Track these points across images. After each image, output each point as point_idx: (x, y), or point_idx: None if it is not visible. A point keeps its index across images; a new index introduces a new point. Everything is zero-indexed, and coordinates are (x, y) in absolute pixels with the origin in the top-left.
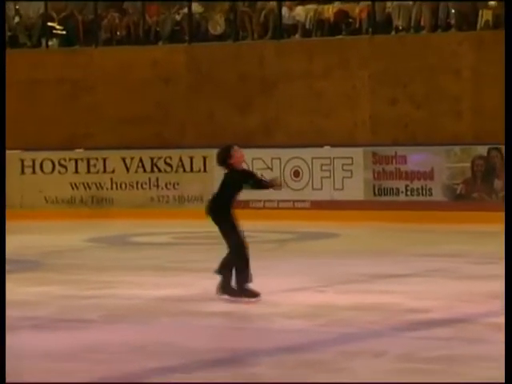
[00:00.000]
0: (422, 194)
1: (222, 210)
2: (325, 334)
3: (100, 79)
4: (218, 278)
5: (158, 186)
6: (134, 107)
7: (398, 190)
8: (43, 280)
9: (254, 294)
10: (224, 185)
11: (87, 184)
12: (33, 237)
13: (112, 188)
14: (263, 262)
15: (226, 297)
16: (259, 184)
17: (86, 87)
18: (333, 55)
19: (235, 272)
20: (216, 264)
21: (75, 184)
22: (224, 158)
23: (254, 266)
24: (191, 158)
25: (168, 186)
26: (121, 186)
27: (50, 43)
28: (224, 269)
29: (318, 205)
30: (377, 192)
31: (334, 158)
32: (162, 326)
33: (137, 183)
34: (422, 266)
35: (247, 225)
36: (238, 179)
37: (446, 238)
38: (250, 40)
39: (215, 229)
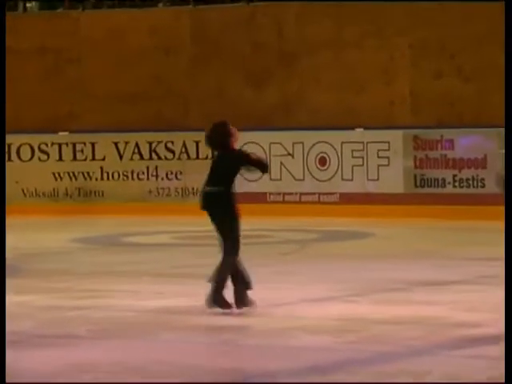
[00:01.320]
0: (473, 186)
1: (227, 201)
2: (356, 353)
3: (87, 49)
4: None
5: (157, 176)
6: (129, 82)
7: (443, 180)
8: (21, 288)
9: (225, 305)
10: (225, 169)
11: (73, 174)
12: (8, 237)
13: (102, 178)
14: (282, 267)
15: (218, 309)
16: (261, 167)
17: (70, 58)
18: (366, 21)
19: (216, 276)
20: None
21: (59, 174)
22: (223, 138)
23: (272, 271)
24: (197, 143)
25: (169, 176)
26: (113, 176)
27: (28, 5)
28: (217, 276)
29: (348, 198)
30: (419, 183)
31: (367, 143)
32: (161, 343)
33: (132, 173)
34: (473, 272)
35: (263, 222)
36: (239, 162)
37: (500, 238)
38: (267, 2)
39: None
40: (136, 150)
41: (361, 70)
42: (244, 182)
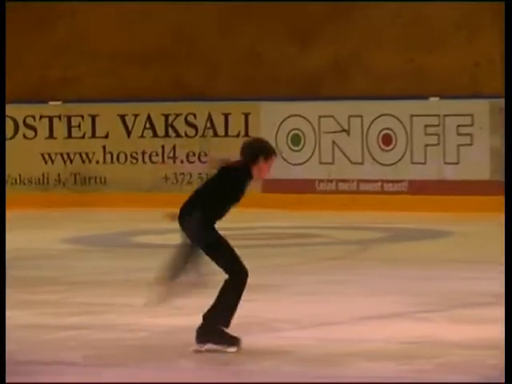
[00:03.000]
0: None
1: (209, 223)
2: None
3: None
4: (258, 301)
5: (175, 159)
6: (139, 38)
7: None
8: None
9: (235, 341)
10: (227, 187)
11: (67, 155)
12: None
13: (105, 161)
14: (335, 275)
15: (209, 346)
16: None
17: (63, 8)
18: None
19: (217, 307)
20: (259, 277)
21: (49, 155)
22: (255, 155)
23: (322, 280)
24: (226, 116)
25: (190, 159)
26: (118, 159)
27: None
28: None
29: (419, 187)
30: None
31: (444, 116)
32: (178, 373)
33: (143, 154)
34: None
35: (311, 218)
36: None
37: None
38: None
39: (260, 223)
40: (148, 125)
41: (435, 22)
42: (287, 167)
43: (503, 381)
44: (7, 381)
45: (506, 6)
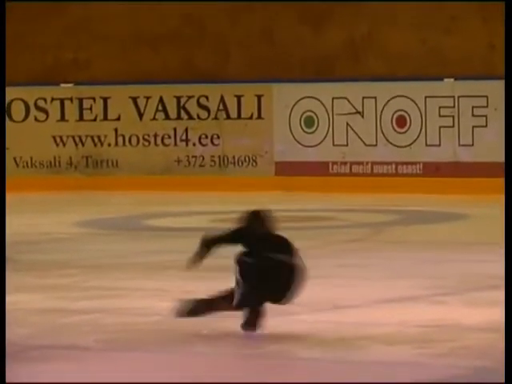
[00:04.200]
0: None
1: None
2: (446, 370)
3: None
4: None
5: (187, 141)
6: (150, 20)
7: None
8: (13, 286)
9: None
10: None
11: (79, 138)
12: None
13: (117, 144)
14: (350, 259)
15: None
16: None
17: None
18: None
19: None
20: None
21: (61, 138)
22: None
23: (336, 264)
24: (238, 98)
25: (203, 141)
26: (130, 141)
27: None
28: None
29: (433, 169)
30: None
31: (459, 98)
32: (193, 357)
33: (155, 137)
34: None
35: (324, 200)
36: None
37: None
38: None
39: (272, 206)
40: (160, 108)
41: (449, 3)
42: (300, 149)
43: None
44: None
45: (506, 6)
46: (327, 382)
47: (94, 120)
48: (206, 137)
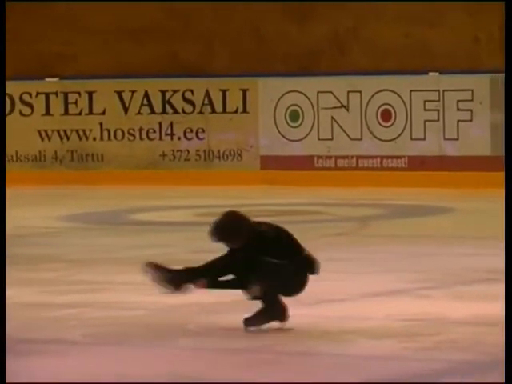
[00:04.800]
0: None
1: None
2: (431, 364)
3: None
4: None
5: (172, 136)
6: (136, 14)
7: None
8: None
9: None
10: None
11: (64, 132)
12: None
13: (102, 138)
14: (335, 252)
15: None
16: None
17: None
18: None
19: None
20: None
21: (46, 132)
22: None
23: (322, 258)
24: (223, 92)
25: (188, 136)
26: (115, 136)
27: None
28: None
29: (419, 163)
30: None
31: (444, 91)
32: (178, 352)
33: (140, 131)
34: None
35: (310, 194)
36: None
37: None
38: None
39: (258, 200)
40: (145, 102)
41: None
42: (285, 143)
43: (503, 357)
44: (8, 359)
45: (506, 6)
46: (312, 379)
47: (79, 114)
48: (191, 131)
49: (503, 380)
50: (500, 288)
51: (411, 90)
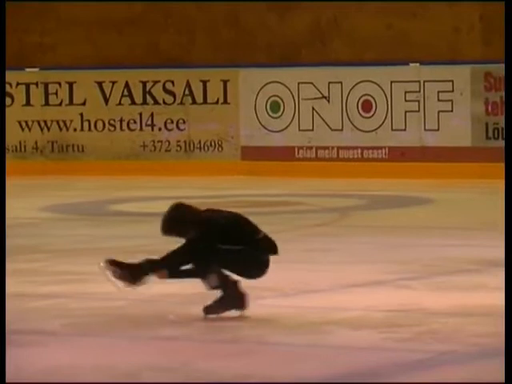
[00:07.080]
0: None
1: None
2: (411, 354)
3: None
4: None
5: (153, 126)
6: (116, 5)
7: None
8: None
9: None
10: None
11: (44, 123)
12: None
13: (82, 129)
14: (316, 243)
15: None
16: None
17: None
18: None
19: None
20: None
21: (26, 123)
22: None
23: (302, 248)
24: (204, 83)
25: (168, 126)
26: (96, 126)
27: None
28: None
29: (399, 154)
30: (491, 134)
31: (424, 82)
32: (159, 342)
33: (121, 122)
34: None
35: (290, 185)
36: None
37: None
38: None
39: (238, 191)
40: (126, 92)
41: None
42: (266, 134)
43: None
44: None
45: (505, 6)
46: (292, 369)
47: (60, 105)
48: (172, 122)
49: (503, 380)
50: (478, 278)
51: (392, 81)
